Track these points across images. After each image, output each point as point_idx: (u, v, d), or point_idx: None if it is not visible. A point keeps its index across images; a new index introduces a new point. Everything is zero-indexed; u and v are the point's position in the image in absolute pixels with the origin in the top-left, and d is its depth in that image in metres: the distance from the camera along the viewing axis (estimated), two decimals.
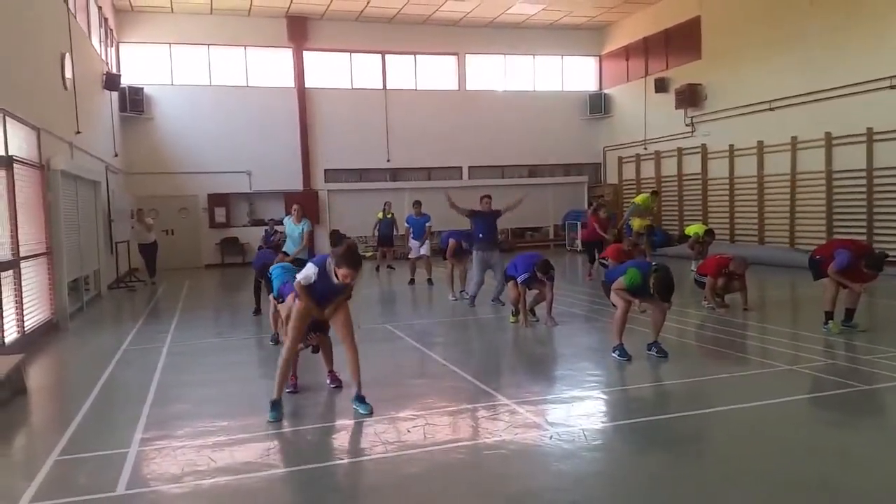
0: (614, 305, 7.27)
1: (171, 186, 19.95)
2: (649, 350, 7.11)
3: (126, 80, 18.65)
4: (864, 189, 14.47)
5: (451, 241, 11.92)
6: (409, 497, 4.06)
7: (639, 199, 16.56)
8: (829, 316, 7.97)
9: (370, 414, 5.42)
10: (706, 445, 4.85)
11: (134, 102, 18.98)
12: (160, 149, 19.85)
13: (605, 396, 6.00)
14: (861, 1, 14.32)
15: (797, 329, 8.56)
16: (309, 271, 5.38)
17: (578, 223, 20.67)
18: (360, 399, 5.53)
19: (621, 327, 7.08)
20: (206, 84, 20.32)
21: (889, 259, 11.62)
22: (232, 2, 19.08)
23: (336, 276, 5.26)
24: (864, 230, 14.38)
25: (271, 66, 21.02)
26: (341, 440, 5.16)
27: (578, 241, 20.15)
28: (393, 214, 16.63)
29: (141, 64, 19.77)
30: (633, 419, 5.35)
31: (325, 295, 5.47)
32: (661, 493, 4.02)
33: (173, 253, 19.22)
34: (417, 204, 14.65)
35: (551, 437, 4.87)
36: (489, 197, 11.27)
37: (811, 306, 9.34)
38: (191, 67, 20.25)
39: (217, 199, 20.43)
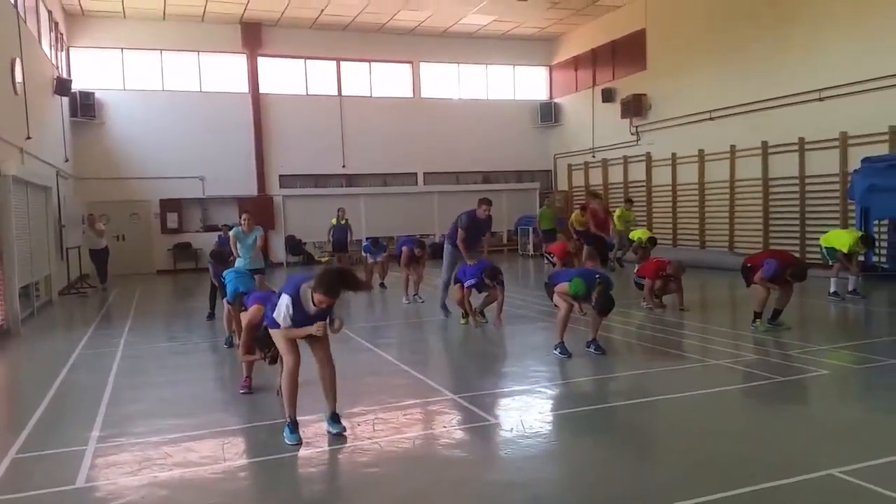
0: (556, 306, 7.67)
1: (123, 192, 19.80)
2: (588, 347, 7.53)
3: (77, 85, 18.47)
4: (797, 195, 15.28)
5: (405, 250, 12.20)
6: (359, 483, 4.36)
7: (617, 213, 16.69)
8: (758, 315, 8.52)
9: (342, 434, 5.08)
10: (636, 431, 5.24)
11: (85, 107, 18.83)
12: (112, 154, 19.69)
13: (545, 390, 6.37)
14: (793, 18, 15.12)
15: (728, 328, 9.10)
16: (283, 306, 4.84)
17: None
18: (335, 418, 5.22)
19: (563, 327, 7.48)
20: (158, 89, 20.25)
21: (815, 262, 12.38)
22: (185, 7, 19.07)
23: (313, 301, 4.82)
24: (797, 233, 15.18)
25: (225, 72, 21.07)
26: None
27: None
28: (347, 220, 16.81)
29: (92, 69, 19.62)
30: (570, 409, 5.75)
31: (302, 324, 4.93)
32: (592, 472, 4.40)
33: (125, 259, 19.09)
34: (376, 242, 14.65)
35: (492, 428, 5.21)
36: (489, 204, 9.81)
37: (743, 307, 9.90)
38: (143, 72, 20.16)
39: (169, 205, 20.35)
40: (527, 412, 5.61)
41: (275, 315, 4.94)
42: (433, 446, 4.94)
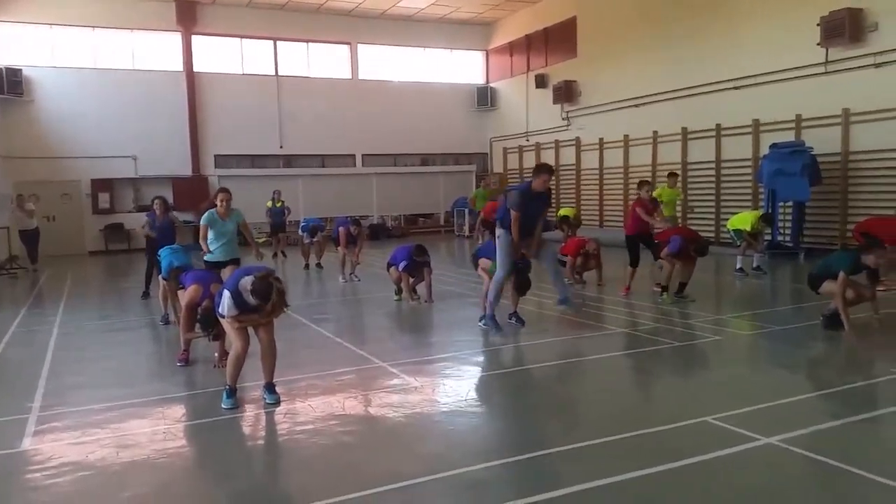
0: (480, 277, 8.21)
1: (53, 171, 19.40)
2: (510, 319, 8.08)
3: (3, 61, 17.97)
4: (713, 178, 16.24)
5: (342, 230, 12.48)
6: (290, 438, 4.79)
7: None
8: (664, 289, 9.26)
9: (277, 404, 5.37)
10: (542, 390, 5.84)
11: (12, 84, 18.33)
12: (41, 132, 19.24)
13: (467, 357, 6.90)
14: (714, 10, 15.93)
15: (639, 300, 9.79)
16: (225, 300, 5.24)
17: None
18: (271, 388, 5.49)
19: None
20: (90, 66, 19.84)
21: (727, 241, 13.26)
22: None
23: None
24: (713, 214, 16.15)
25: (159, 50, 20.77)
26: None
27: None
28: (283, 202, 16.95)
29: (20, 44, 19.07)
30: (486, 373, 6.32)
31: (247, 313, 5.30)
32: (493, 423, 4.98)
33: (55, 239, 18.75)
34: (314, 231, 14.70)
35: (416, 389, 5.71)
36: (550, 173, 7.61)
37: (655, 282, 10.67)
38: (74, 49, 19.72)
39: (101, 185, 20.05)
40: (447, 376, 6.13)
41: (220, 310, 5.36)
42: (360, 407, 5.40)
